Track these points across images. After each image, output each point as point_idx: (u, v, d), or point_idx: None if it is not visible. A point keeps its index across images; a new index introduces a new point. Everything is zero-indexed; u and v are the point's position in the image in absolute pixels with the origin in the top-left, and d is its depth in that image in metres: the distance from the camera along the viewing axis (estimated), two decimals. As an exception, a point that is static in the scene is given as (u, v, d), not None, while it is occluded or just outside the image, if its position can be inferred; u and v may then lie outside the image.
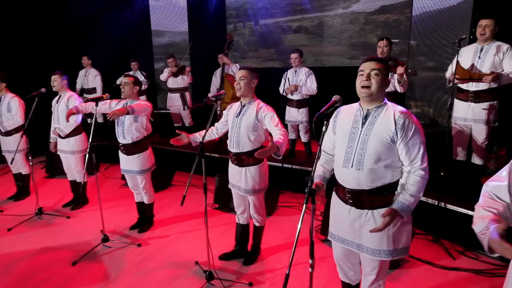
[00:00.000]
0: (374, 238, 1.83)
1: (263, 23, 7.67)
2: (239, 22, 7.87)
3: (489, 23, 3.17)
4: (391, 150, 1.76)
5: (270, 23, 7.61)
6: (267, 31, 7.60)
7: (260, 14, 7.58)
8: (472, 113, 3.28)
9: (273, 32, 7.58)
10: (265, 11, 7.54)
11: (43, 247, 3.26)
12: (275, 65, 7.49)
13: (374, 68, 1.75)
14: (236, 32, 7.86)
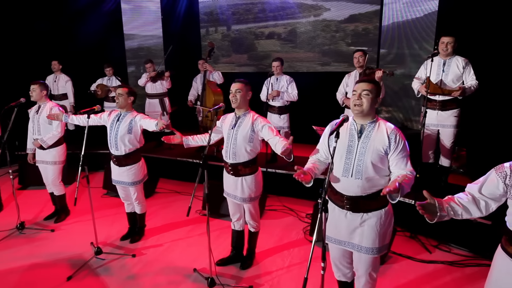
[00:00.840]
0: (367, 238, 2.05)
1: (235, 28, 7.78)
2: (211, 27, 7.92)
3: (450, 40, 3.55)
4: (384, 161, 1.99)
5: (242, 29, 7.74)
6: (240, 37, 7.73)
7: (232, 20, 7.69)
8: (439, 120, 3.65)
9: (246, 37, 7.71)
10: (238, 17, 7.65)
11: (32, 263, 3.17)
12: (248, 70, 7.61)
13: (365, 88, 1.97)
14: (208, 37, 7.91)
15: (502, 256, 1.64)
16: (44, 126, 3.75)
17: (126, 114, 3.29)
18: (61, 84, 6.02)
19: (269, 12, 7.41)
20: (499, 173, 1.60)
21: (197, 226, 3.95)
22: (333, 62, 7.01)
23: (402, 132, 2.03)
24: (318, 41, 7.08)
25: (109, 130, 3.27)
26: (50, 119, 3.55)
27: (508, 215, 1.63)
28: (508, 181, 1.58)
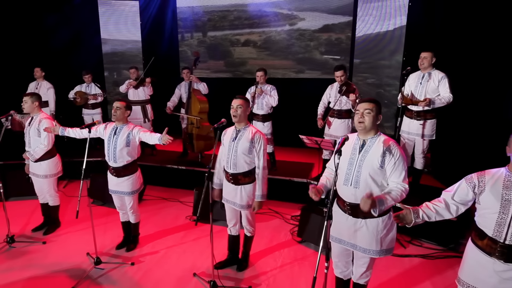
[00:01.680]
0: (365, 240, 2.34)
1: (211, 35, 7.92)
2: (187, 33, 8.00)
3: (427, 55, 3.94)
4: (380, 173, 2.25)
5: (218, 36, 7.89)
6: (216, 43, 7.87)
7: (208, 26, 7.82)
8: (415, 128, 4.05)
9: (222, 44, 7.87)
10: (213, 24, 7.77)
11: (30, 277, 3.19)
12: (224, 76, 7.78)
13: (366, 108, 2.25)
14: (184, 42, 8.00)
15: (473, 249, 1.99)
16: (34, 138, 3.74)
17: (123, 127, 3.38)
18: (43, 91, 5.87)
19: (245, 20, 7.63)
20: (469, 183, 1.95)
21: (189, 232, 4.10)
22: (307, 70, 7.36)
23: (400, 147, 2.31)
24: (293, 49, 7.40)
25: (106, 143, 3.35)
26: (47, 132, 3.56)
27: (477, 216, 1.99)
28: (476, 190, 1.93)
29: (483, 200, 1.90)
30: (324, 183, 2.45)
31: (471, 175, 1.98)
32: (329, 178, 2.50)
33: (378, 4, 6.11)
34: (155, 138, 3.23)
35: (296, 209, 4.61)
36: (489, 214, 1.87)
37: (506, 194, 1.82)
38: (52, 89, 5.99)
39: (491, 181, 1.88)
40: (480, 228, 1.94)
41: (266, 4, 7.37)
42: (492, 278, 1.89)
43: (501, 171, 1.91)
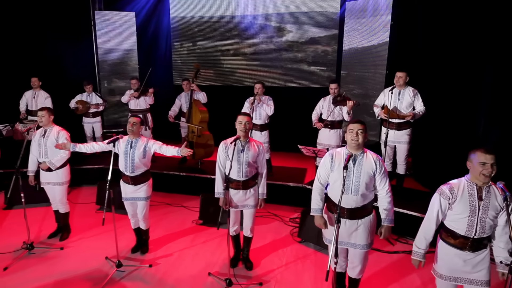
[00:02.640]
0: (362, 238, 2.78)
1: (201, 45, 8.21)
2: (177, 42, 8.26)
3: (402, 75, 4.46)
4: (372, 180, 2.72)
5: (208, 45, 8.19)
6: (206, 53, 8.15)
7: (198, 36, 8.09)
8: (396, 137, 4.56)
9: (212, 53, 8.16)
10: (204, 34, 8.05)
11: (56, 281, 3.44)
12: (214, 84, 8.07)
13: (360, 128, 2.67)
14: (174, 51, 8.26)
15: (442, 244, 2.49)
16: (52, 149, 3.96)
17: (138, 140, 3.66)
18: (40, 101, 6.04)
19: (235, 31, 7.97)
20: (445, 197, 2.40)
21: (197, 235, 4.43)
22: (295, 80, 7.78)
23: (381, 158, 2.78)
24: (281, 60, 7.81)
25: (123, 156, 3.63)
26: (58, 148, 3.77)
27: (448, 221, 2.45)
28: (450, 201, 2.39)
29: (455, 207, 2.36)
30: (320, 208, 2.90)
31: (443, 189, 2.42)
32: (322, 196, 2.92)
33: (364, 21, 6.61)
34: (173, 151, 3.55)
35: (292, 211, 5.03)
36: (461, 218, 2.35)
37: (472, 201, 2.31)
38: (50, 98, 6.16)
39: (459, 191, 2.35)
40: (452, 229, 2.41)
41: (255, 16, 7.75)
42: (462, 266, 2.40)
43: (463, 181, 2.38)
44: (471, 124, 4.64)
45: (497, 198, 2.31)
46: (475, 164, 2.30)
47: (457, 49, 4.88)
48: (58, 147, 3.80)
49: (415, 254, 2.60)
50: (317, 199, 2.90)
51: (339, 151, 2.82)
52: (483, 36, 4.40)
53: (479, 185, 2.32)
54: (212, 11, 7.97)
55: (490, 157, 2.24)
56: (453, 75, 4.94)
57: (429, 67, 5.36)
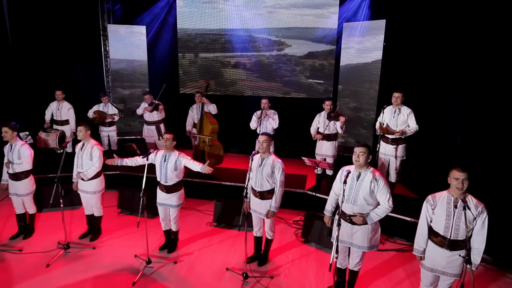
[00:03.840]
0: (360, 239, 3.38)
1: (202, 56, 8.70)
2: (179, 53, 8.71)
3: (399, 95, 5.05)
4: (371, 195, 3.28)
5: (209, 57, 8.69)
6: (207, 64, 8.63)
7: (200, 48, 8.58)
8: (390, 151, 5.18)
9: (212, 65, 8.66)
10: (205, 46, 8.53)
11: (95, 275, 3.98)
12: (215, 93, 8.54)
13: (361, 151, 3.27)
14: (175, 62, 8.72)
15: (429, 242, 3.09)
16: (86, 161, 4.50)
17: (170, 154, 4.21)
18: (64, 112, 6.55)
19: (235, 44, 8.46)
20: (429, 204, 3.02)
21: (213, 236, 4.99)
22: (293, 92, 8.32)
23: (384, 177, 3.38)
24: (280, 72, 8.34)
25: (159, 168, 4.18)
26: (109, 163, 4.29)
27: (432, 223, 3.06)
28: (433, 207, 3.01)
29: (436, 212, 2.99)
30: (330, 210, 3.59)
31: (428, 198, 3.05)
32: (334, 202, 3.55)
33: (359, 39, 7.22)
34: (198, 167, 4.10)
35: (296, 215, 5.63)
36: (440, 221, 2.96)
37: (448, 208, 2.93)
38: (72, 109, 6.68)
39: (439, 200, 2.98)
40: (435, 230, 3.03)
41: (256, 30, 8.28)
42: (442, 260, 3.01)
43: (444, 193, 3.00)
44: (450, 138, 5.30)
45: (472, 208, 2.90)
46: (451, 179, 2.92)
47: (437, 72, 5.55)
48: (108, 163, 4.30)
49: (416, 251, 3.17)
50: (329, 203, 3.58)
51: (350, 167, 3.41)
52: (460, 62, 5.05)
53: (455, 196, 2.94)
54: (214, 24, 8.45)
55: (463, 174, 2.86)
56: (435, 95, 5.61)
57: (416, 86, 6.02)
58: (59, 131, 6.42)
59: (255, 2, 8.15)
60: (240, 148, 8.30)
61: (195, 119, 6.56)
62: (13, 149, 4.49)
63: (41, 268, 4.10)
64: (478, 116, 4.77)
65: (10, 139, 4.47)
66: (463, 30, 4.98)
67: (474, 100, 4.81)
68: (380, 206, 3.30)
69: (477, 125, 4.75)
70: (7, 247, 4.51)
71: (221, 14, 8.37)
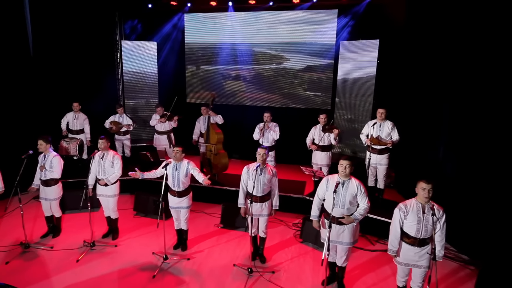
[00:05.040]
0: (347, 237, 3.97)
1: (204, 68, 9.27)
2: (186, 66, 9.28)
3: (383, 111, 5.68)
4: (354, 199, 3.90)
5: (211, 69, 9.25)
6: (208, 76, 9.23)
7: (202, 61, 9.17)
8: (378, 160, 5.78)
9: (213, 77, 9.24)
10: (207, 58, 9.12)
11: (120, 270, 4.56)
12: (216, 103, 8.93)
13: (348, 164, 3.87)
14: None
15: (401, 242, 3.65)
16: (108, 169, 5.09)
17: (181, 164, 4.80)
18: (80, 121, 7.16)
19: (236, 57, 9.00)
20: (402, 211, 3.60)
21: (220, 236, 5.57)
22: (291, 104, 8.83)
23: (362, 183, 3.97)
24: (279, 85, 8.87)
25: (171, 176, 4.76)
26: (133, 176, 4.83)
27: (404, 227, 3.62)
28: (405, 213, 3.57)
29: (408, 217, 3.55)
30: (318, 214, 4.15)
31: (400, 206, 3.61)
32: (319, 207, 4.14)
33: (355, 55, 7.82)
34: (200, 178, 4.70)
35: (294, 218, 6.20)
36: (412, 225, 3.53)
37: (418, 214, 3.50)
38: (87, 119, 7.30)
39: (410, 207, 3.55)
40: (407, 232, 3.60)
41: (256, 44, 8.84)
42: (414, 256, 3.58)
43: (413, 201, 3.57)
44: (435, 149, 5.89)
45: (435, 213, 3.48)
46: (419, 189, 3.51)
47: (423, 89, 6.15)
48: (132, 175, 4.84)
49: (391, 251, 3.76)
50: (315, 209, 4.14)
51: (333, 176, 4.01)
52: (442, 80, 5.64)
53: (423, 203, 3.52)
54: (216, 38, 9.01)
55: (429, 185, 3.44)
56: (422, 109, 6.20)
57: (406, 101, 6.62)
58: (78, 140, 7.03)
59: (256, 17, 8.71)
60: (241, 154, 8.88)
61: (202, 130, 7.15)
62: (46, 159, 5.08)
63: (72, 263, 4.69)
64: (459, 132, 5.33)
65: (44, 150, 5.07)
66: (445, 54, 5.58)
67: (455, 118, 5.38)
68: (361, 207, 3.91)
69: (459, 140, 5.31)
70: (40, 245, 5.10)
71: (223, 29, 8.91)
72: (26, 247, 4.97)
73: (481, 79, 4.81)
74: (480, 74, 4.82)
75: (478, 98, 4.86)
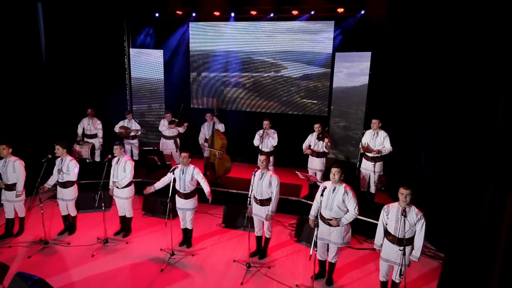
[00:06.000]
0: (336, 237, 4.45)
1: (204, 75, 9.71)
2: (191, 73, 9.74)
3: (376, 121, 6.14)
4: (343, 204, 4.37)
5: (211, 76, 9.67)
6: (208, 83, 9.68)
7: (203, 68, 9.63)
8: (370, 167, 6.26)
9: (214, 84, 9.68)
10: (208, 66, 9.57)
11: (131, 264, 5.07)
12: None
13: (337, 171, 4.36)
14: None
15: (385, 239, 4.14)
16: (121, 173, 5.60)
17: (187, 168, 5.30)
18: (93, 126, 7.66)
19: (235, 65, 9.42)
20: (385, 212, 4.09)
21: (221, 235, 6.07)
22: (289, 111, 9.23)
23: (352, 188, 4.46)
24: (277, 92, 9.25)
25: (178, 179, 5.26)
26: (146, 193, 5.33)
27: (387, 225, 4.12)
28: (387, 213, 4.07)
29: (389, 217, 4.05)
30: (314, 214, 4.61)
31: (384, 207, 4.12)
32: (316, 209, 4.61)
33: (348, 65, 8.27)
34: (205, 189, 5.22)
35: (291, 219, 6.69)
36: (392, 224, 4.02)
37: (397, 215, 3.98)
38: (101, 124, 7.80)
39: (392, 209, 4.04)
40: (389, 230, 4.09)
41: (254, 52, 9.24)
42: (394, 253, 4.06)
43: (396, 204, 4.05)
44: (418, 156, 6.38)
45: (413, 215, 3.97)
46: (399, 194, 3.99)
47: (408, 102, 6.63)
48: (146, 193, 5.33)
49: (376, 245, 4.27)
50: (313, 210, 4.64)
51: (328, 183, 4.49)
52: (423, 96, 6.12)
53: (402, 206, 4.01)
54: (217, 46, 9.42)
55: (407, 191, 3.93)
56: (407, 119, 6.69)
57: (395, 110, 7.10)
58: (90, 143, 7.55)
59: (255, 26, 9.12)
60: (244, 157, 9.37)
61: (207, 135, 7.65)
62: (63, 162, 5.59)
63: (88, 258, 5.20)
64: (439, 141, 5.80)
65: (61, 155, 5.58)
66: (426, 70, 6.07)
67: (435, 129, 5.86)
68: (348, 213, 4.37)
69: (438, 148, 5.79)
70: (57, 241, 5.62)
71: (224, 37, 9.33)
72: (45, 243, 5.49)
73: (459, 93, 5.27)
74: (453, 89, 5.29)
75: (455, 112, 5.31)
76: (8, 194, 5.54)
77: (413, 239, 4.03)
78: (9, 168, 5.44)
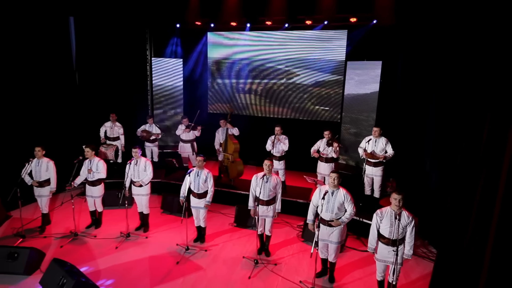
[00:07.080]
0: (335, 237, 4.80)
1: (218, 82, 10.13)
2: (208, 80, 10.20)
3: (377, 129, 6.41)
4: (342, 206, 4.72)
5: (225, 83, 10.06)
6: (221, 89, 10.13)
7: (216, 75, 10.08)
8: (373, 172, 6.55)
9: (227, 90, 10.10)
10: (221, 73, 10.01)
11: (150, 256, 5.58)
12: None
13: (336, 176, 4.71)
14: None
15: (378, 242, 4.44)
16: (142, 173, 6.14)
17: (201, 171, 5.77)
18: (116, 130, 8.30)
19: (248, 72, 9.79)
20: (378, 217, 4.40)
21: (233, 234, 6.51)
22: (300, 117, 9.47)
23: (349, 192, 4.80)
24: (289, 99, 9.50)
25: (193, 180, 5.74)
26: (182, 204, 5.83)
27: (380, 229, 4.41)
28: (380, 218, 4.37)
29: (383, 222, 4.35)
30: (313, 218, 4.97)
31: (377, 212, 4.41)
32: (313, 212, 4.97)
33: (359, 72, 8.51)
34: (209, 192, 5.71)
35: (299, 220, 7.04)
36: (386, 228, 4.33)
37: (391, 219, 4.28)
38: (122, 128, 8.42)
39: (385, 214, 4.34)
40: (382, 233, 4.40)
41: (267, 60, 9.56)
42: (387, 253, 4.35)
43: (388, 208, 4.34)
44: (422, 163, 6.61)
45: (405, 218, 4.28)
46: (392, 199, 4.30)
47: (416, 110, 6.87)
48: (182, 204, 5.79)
49: (370, 248, 4.56)
50: (310, 214, 4.99)
51: (324, 186, 4.86)
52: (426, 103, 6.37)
53: (395, 211, 4.32)
54: (231, 54, 9.83)
55: (399, 196, 4.23)
56: (412, 127, 6.94)
57: (404, 119, 7.36)
58: (114, 146, 8.17)
59: (269, 34, 9.45)
60: (257, 161, 9.73)
61: (221, 140, 8.12)
62: (92, 163, 6.18)
63: (112, 249, 5.75)
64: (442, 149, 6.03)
65: (90, 157, 6.18)
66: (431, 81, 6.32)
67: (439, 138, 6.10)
68: (347, 213, 4.73)
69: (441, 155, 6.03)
70: (85, 234, 6.22)
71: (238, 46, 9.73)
72: (75, 235, 6.09)
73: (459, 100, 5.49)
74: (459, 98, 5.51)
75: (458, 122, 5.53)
76: (42, 190, 6.16)
77: (404, 239, 4.33)
78: (42, 167, 6.07)
